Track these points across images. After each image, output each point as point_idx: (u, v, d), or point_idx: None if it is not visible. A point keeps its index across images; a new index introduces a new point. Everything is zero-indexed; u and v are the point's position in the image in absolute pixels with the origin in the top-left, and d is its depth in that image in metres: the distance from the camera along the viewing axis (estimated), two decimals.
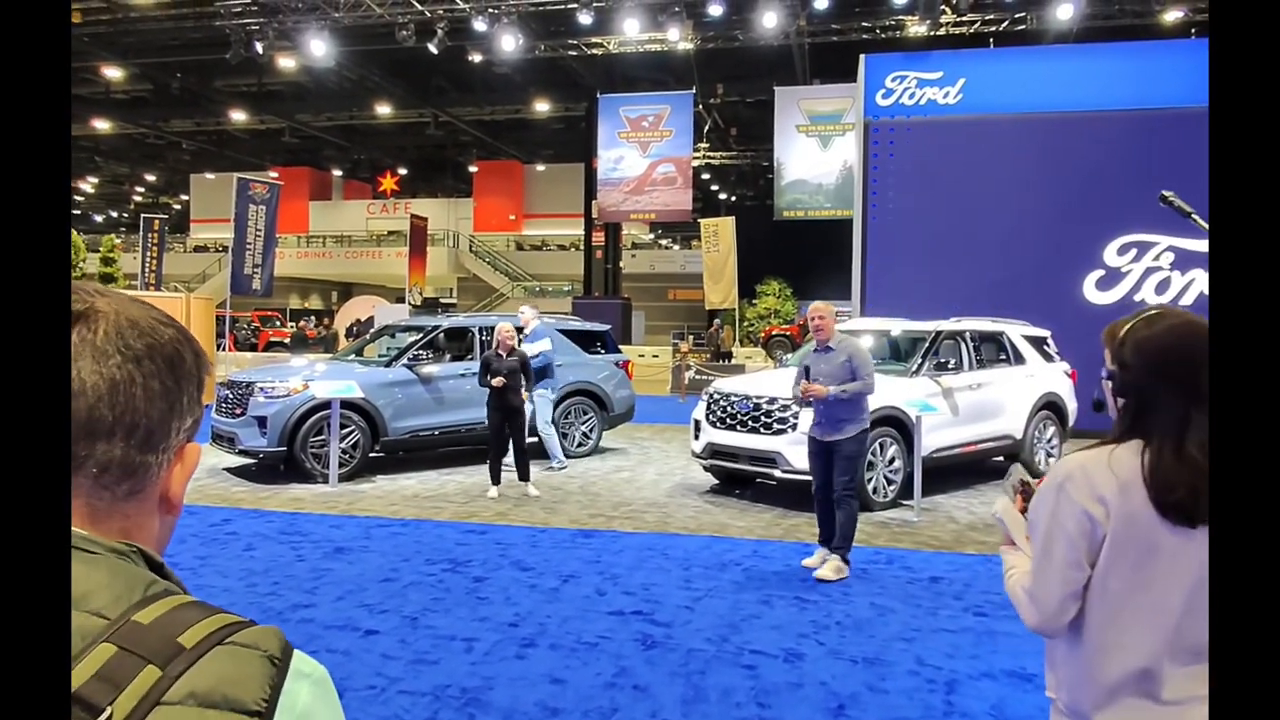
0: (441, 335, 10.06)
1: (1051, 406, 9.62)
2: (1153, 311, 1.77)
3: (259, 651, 0.68)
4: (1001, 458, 9.38)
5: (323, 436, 8.59)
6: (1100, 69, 12.88)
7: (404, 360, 9.52)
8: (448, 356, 10.07)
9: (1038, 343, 9.93)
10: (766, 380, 8.63)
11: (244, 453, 8.82)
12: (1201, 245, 12.32)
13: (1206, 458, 1.63)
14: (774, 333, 33.79)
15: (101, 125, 33.73)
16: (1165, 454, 1.63)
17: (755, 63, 25.60)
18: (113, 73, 29.23)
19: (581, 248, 33.25)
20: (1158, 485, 1.63)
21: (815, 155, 24.22)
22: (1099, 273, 12.71)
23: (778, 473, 7.79)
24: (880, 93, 13.34)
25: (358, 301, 35.34)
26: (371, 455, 9.10)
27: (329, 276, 43.82)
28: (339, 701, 0.74)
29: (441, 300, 40.94)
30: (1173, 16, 19.54)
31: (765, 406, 7.92)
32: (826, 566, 5.81)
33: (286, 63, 26.16)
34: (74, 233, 22.18)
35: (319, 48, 20.80)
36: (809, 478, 7.63)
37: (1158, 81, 12.54)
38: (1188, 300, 12.36)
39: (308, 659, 0.72)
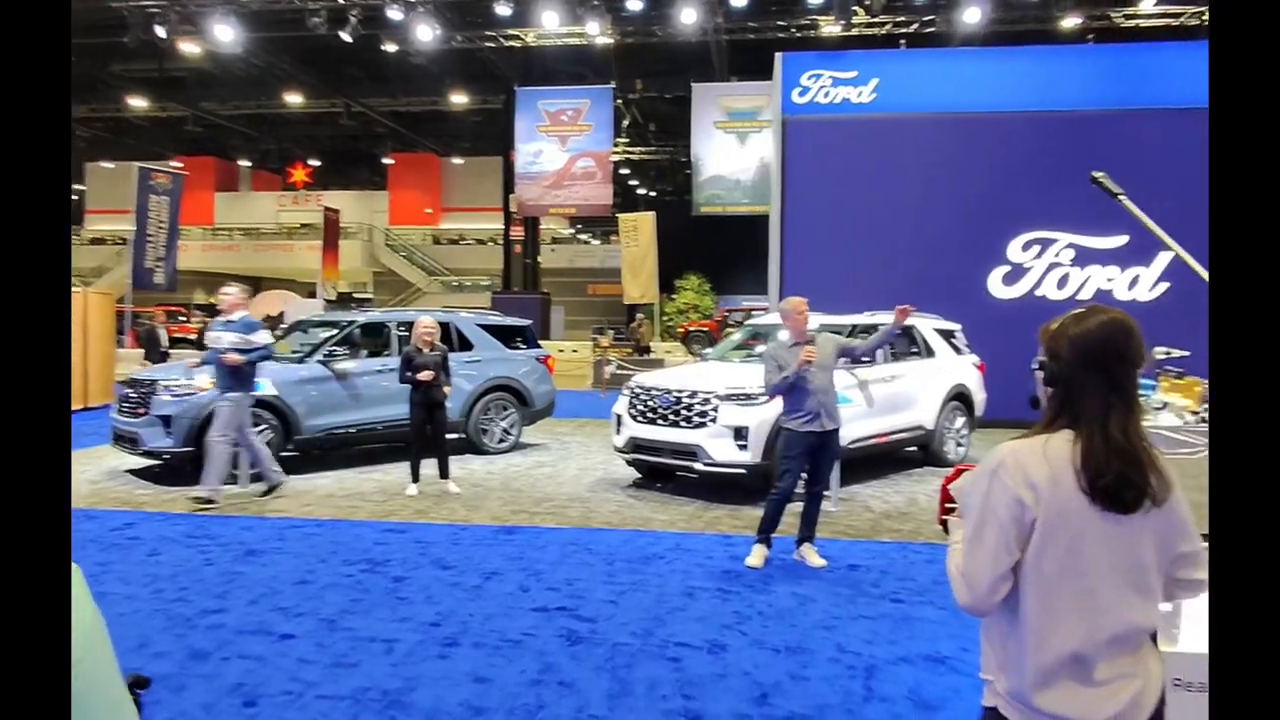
0: (358, 331, 9.83)
1: (961, 397, 9.94)
2: (1082, 309, 1.87)
3: None
4: (914, 448, 9.65)
5: None
6: (1005, 71, 13.34)
7: (319, 356, 9.27)
8: (364, 352, 9.85)
9: (948, 335, 10.25)
10: (688, 374, 8.70)
11: (148, 454, 8.46)
12: (1099, 242, 12.91)
13: (1130, 442, 1.72)
14: (692, 328, 34.07)
15: None
16: (1095, 440, 1.72)
17: (674, 59, 25.75)
18: None
19: (500, 242, 32.91)
20: (1089, 471, 1.71)
21: (733, 151, 24.50)
22: (1004, 268, 13.17)
23: (699, 466, 7.85)
24: (796, 90, 13.54)
25: (268, 296, 34.23)
26: (285, 454, 8.84)
27: (237, 270, 42.33)
28: None
29: (356, 295, 40.06)
30: (1071, 23, 20.40)
31: (686, 400, 7.97)
32: (816, 555, 6.01)
33: (190, 48, 25.15)
34: None
35: (225, 33, 20.07)
36: (731, 471, 7.80)
37: (1059, 85, 13.05)
38: (1086, 294, 12.92)
39: None
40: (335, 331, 9.65)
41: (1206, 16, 20.03)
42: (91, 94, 32.43)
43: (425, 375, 7.72)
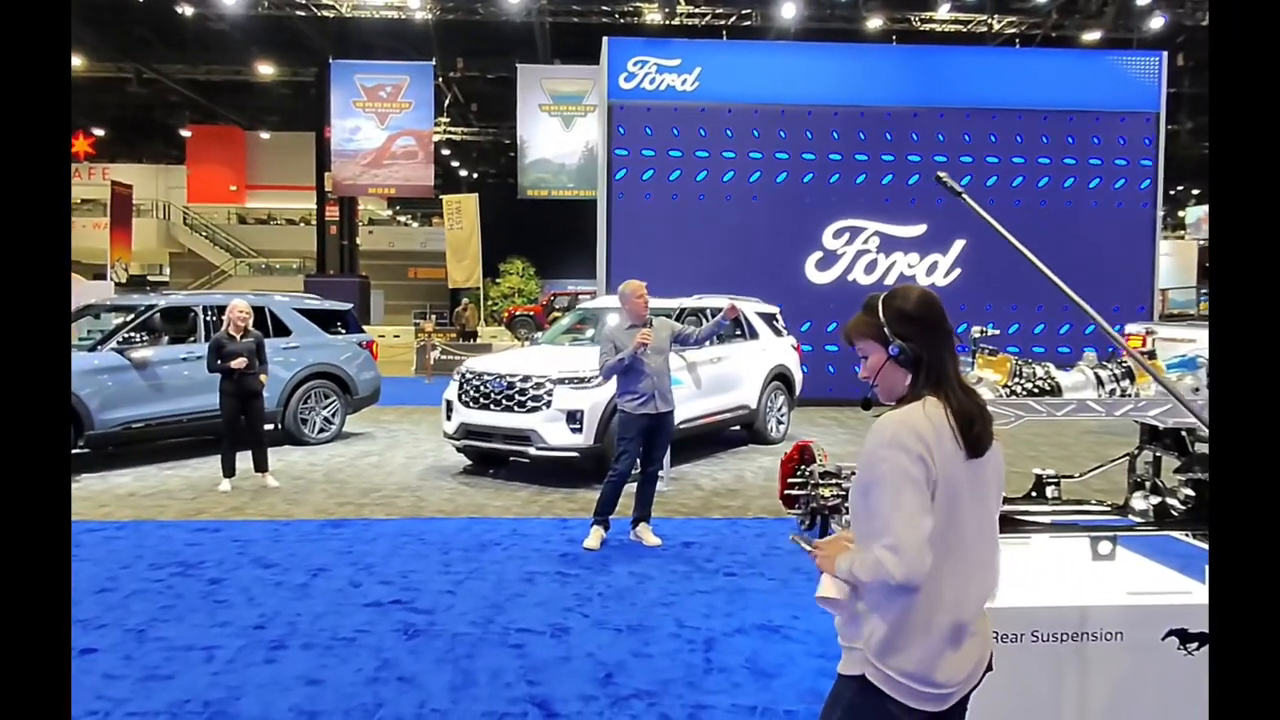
0: (158, 316, 9.05)
1: (782, 378, 10.39)
2: (886, 291, 2.01)
3: None
4: (739, 427, 9.99)
5: None
6: (819, 67, 13.99)
7: (113, 344, 8.48)
8: (165, 339, 9.10)
9: (768, 318, 10.66)
10: (520, 359, 8.61)
11: None
12: (901, 230, 13.83)
13: (972, 392, 1.92)
14: (517, 312, 33.82)
15: None
16: (958, 396, 1.87)
17: (497, 38, 25.30)
18: None
19: (314, 223, 31.30)
20: (961, 424, 1.85)
21: (558, 135, 24.41)
22: (818, 254, 13.85)
23: (533, 450, 7.80)
24: (623, 76, 13.64)
25: None
26: (75, 451, 8.05)
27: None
28: None
29: (150, 278, 36.99)
30: (875, 24, 21.66)
31: (520, 385, 7.88)
32: (651, 534, 6.10)
33: None
34: None
35: None
36: (566, 454, 7.80)
37: (868, 81, 13.83)
38: (891, 279, 13.80)
39: None
40: (132, 316, 8.86)
41: (993, 25, 21.83)
42: None
43: (238, 363, 7.22)
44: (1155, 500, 3.06)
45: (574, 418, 7.69)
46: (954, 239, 13.75)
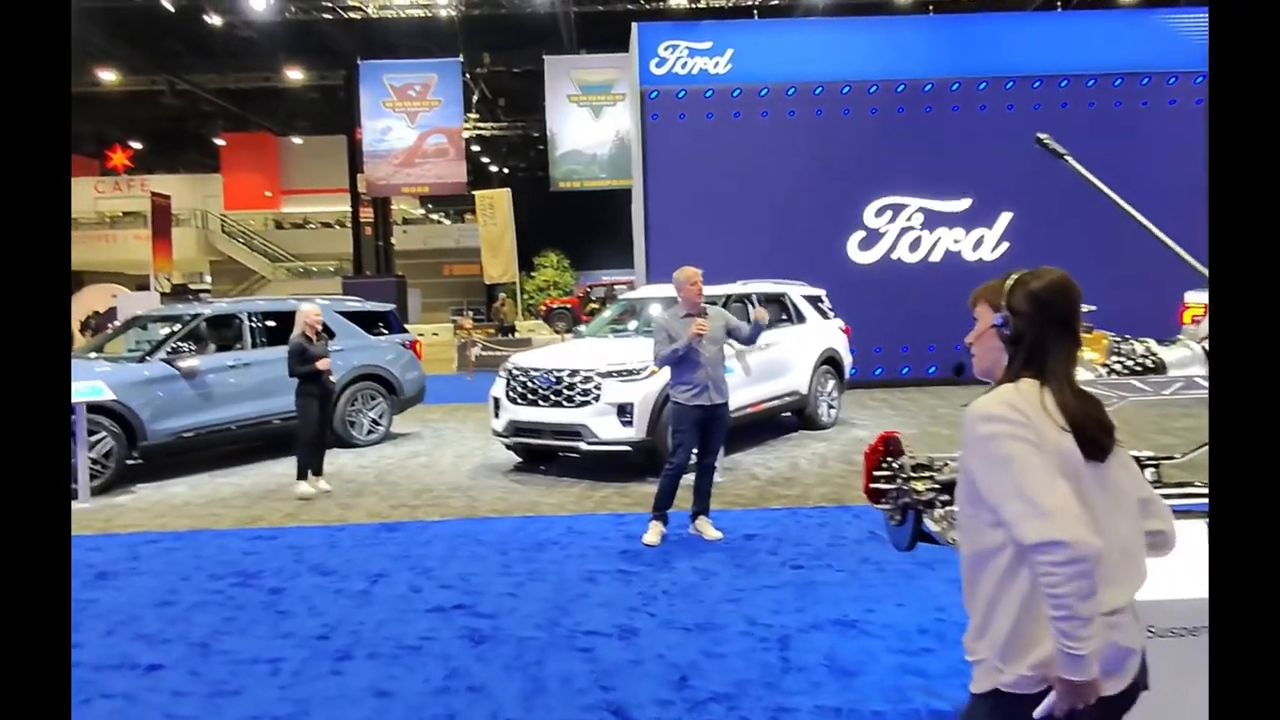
0: (204, 324, 9.07)
1: (831, 362, 10.17)
2: (1032, 269, 1.86)
3: None
4: (790, 413, 9.80)
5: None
6: (852, 42, 13.67)
7: (162, 354, 8.51)
8: (213, 347, 9.12)
9: (814, 301, 10.45)
10: (566, 353, 8.49)
11: None
12: (945, 205, 13.49)
13: (1085, 391, 1.75)
14: (554, 305, 33.81)
15: None
16: (1066, 394, 1.71)
17: (522, 32, 25.15)
18: None
19: (349, 224, 31.45)
20: (1072, 424, 1.69)
21: (588, 125, 24.23)
22: (860, 234, 13.57)
23: (584, 445, 7.69)
24: (654, 62, 13.44)
25: (92, 291, 31.46)
26: (129, 463, 8.09)
27: None
28: None
29: (192, 286, 37.51)
30: None
31: (568, 379, 7.77)
32: (711, 528, 5.95)
33: None
34: None
35: None
36: (617, 448, 7.68)
37: (905, 54, 13.49)
38: (936, 257, 13.49)
39: None
40: (179, 326, 8.89)
41: None
42: None
43: (324, 364, 7.28)
44: None
45: (624, 411, 7.56)
46: (1000, 212, 13.40)
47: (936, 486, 2.63)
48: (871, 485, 2.83)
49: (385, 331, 10.59)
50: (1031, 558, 1.62)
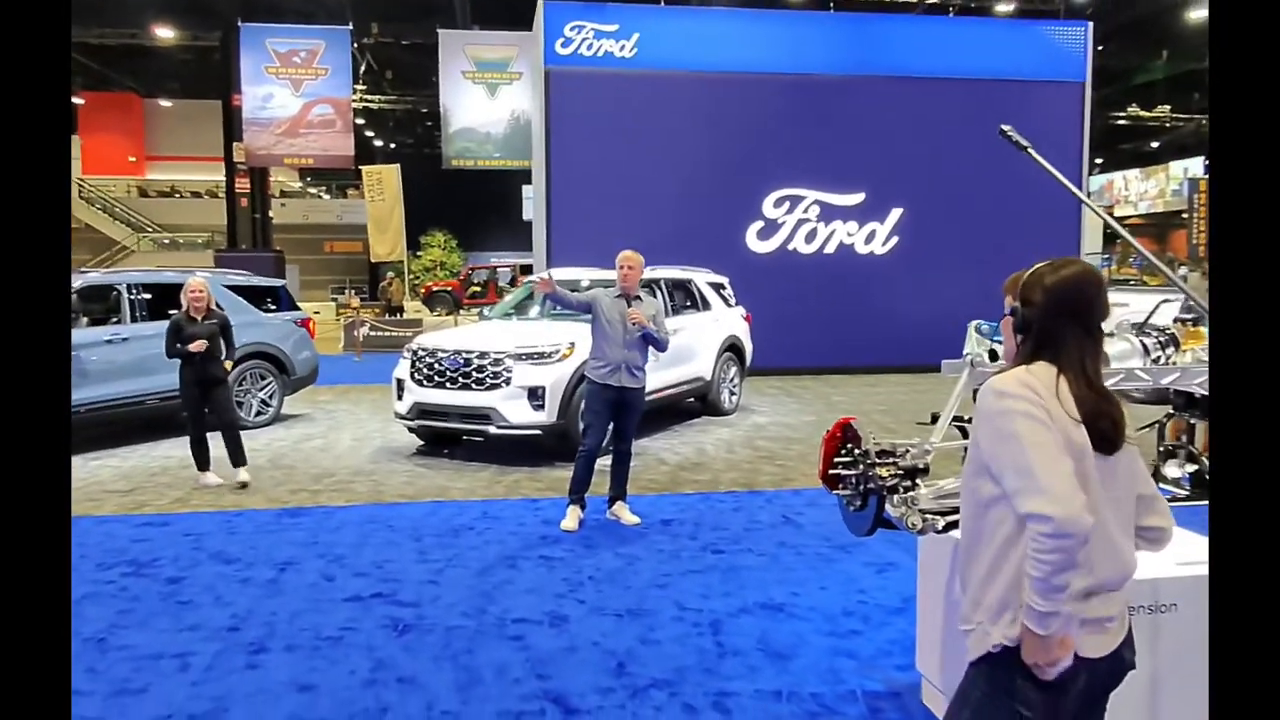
0: (75, 296, 8.40)
1: (734, 349, 10.30)
2: (1056, 260, 1.88)
3: None
4: (693, 399, 9.88)
5: None
6: (757, 34, 13.81)
7: None
8: (84, 321, 8.48)
9: (718, 289, 10.55)
10: (475, 335, 8.29)
11: None
12: (840, 199, 13.86)
13: (1104, 386, 1.77)
14: (435, 288, 33.01)
15: None
16: (1080, 386, 1.73)
17: (412, 3, 24.38)
18: None
19: (222, 195, 29.83)
20: (1086, 417, 1.71)
21: (483, 103, 23.69)
22: (760, 223, 13.79)
23: (492, 429, 7.53)
24: (560, 41, 13.24)
25: None
26: None
27: None
28: None
29: None
30: None
31: (477, 361, 7.59)
32: (629, 512, 5.91)
33: None
34: None
35: None
36: (528, 433, 7.55)
37: (805, 48, 13.74)
38: (830, 249, 13.85)
39: None
40: None
41: None
42: None
43: (196, 345, 6.68)
44: (1191, 468, 3.02)
45: (535, 394, 7.44)
46: (891, 207, 13.87)
47: (900, 472, 2.67)
48: (830, 471, 2.85)
49: (275, 308, 10.09)
50: (1026, 526, 1.68)
